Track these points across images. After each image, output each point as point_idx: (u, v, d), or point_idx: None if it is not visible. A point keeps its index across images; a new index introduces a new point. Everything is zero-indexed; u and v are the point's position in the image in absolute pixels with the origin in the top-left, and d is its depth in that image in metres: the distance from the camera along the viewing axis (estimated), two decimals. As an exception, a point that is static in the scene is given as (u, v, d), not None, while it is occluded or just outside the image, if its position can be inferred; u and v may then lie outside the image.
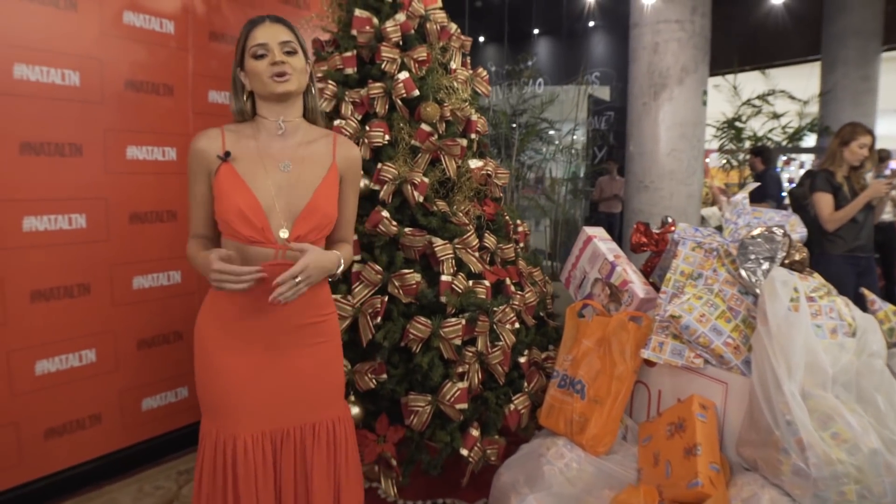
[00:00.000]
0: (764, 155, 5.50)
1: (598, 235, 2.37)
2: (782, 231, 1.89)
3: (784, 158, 8.50)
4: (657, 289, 2.27)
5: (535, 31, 12.05)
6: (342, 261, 1.41)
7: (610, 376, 1.93)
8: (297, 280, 1.25)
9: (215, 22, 2.62)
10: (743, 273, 1.89)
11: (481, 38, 11.84)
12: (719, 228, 3.38)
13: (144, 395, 2.54)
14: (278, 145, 1.37)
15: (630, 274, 2.18)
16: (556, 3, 9.64)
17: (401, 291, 2.03)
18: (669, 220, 2.41)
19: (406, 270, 2.03)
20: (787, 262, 1.90)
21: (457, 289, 2.06)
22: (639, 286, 2.13)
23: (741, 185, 8.47)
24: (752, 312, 1.85)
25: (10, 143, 2.05)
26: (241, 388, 1.36)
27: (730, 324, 1.82)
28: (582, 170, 6.22)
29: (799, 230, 2.09)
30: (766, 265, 1.89)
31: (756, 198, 4.86)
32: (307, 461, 1.41)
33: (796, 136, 7.73)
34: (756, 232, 1.91)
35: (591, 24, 11.32)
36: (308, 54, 1.40)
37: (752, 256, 1.91)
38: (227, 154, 1.33)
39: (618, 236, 7.72)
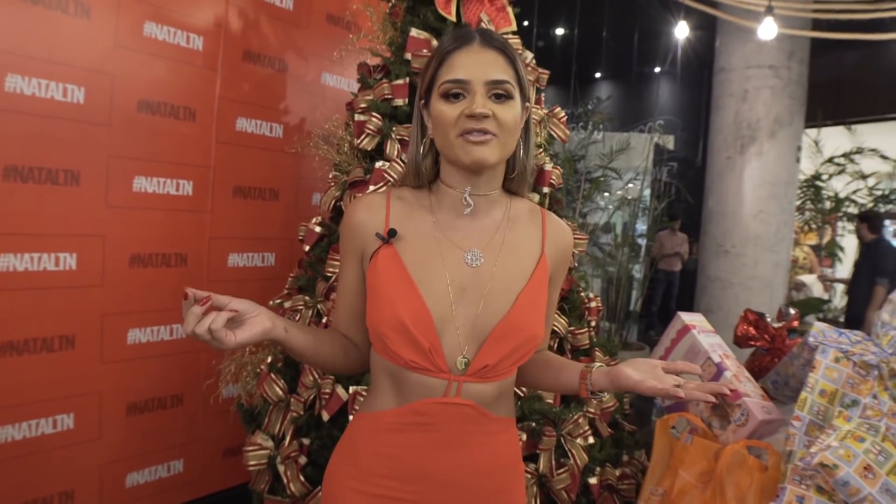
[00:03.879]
0: (872, 221, 4.56)
1: (697, 325, 1.86)
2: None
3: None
4: (770, 397, 1.75)
5: (597, 75, 11.65)
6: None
7: (722, 534, 1.41)
8: None
9: (252, 40, 2.28)
10: (917, 404, 1.36)
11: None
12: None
13: (130, 468, 2.14)
14: (465, 225, 0.94)
15: (745, 383, 1.65)
16: (624, 48, 9.21)
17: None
18: (792, 311, 1.89)
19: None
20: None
21: (518, 391, 1.58)
22: (757, 403, 1.60)
23: (817, 249, 7.77)
24: (937, 467, 1.30)
25: (-9, 166, 1.72)
26: None
27: (908, 482, 1.29)
28: (643, 223, 5.70)
29: None
30: (948, 394, 1.35)
31: (863, 273, 4.20)
32: None
33: (885, 198, 6.98)
34: (940, 350, 1.39)
35: (657, 69, 10.84)
36: (528, 94, 0.93)
37: (929, 381, 1.37)
38: (392, 233, 0.91)
39: (675, 299, 7.08)
